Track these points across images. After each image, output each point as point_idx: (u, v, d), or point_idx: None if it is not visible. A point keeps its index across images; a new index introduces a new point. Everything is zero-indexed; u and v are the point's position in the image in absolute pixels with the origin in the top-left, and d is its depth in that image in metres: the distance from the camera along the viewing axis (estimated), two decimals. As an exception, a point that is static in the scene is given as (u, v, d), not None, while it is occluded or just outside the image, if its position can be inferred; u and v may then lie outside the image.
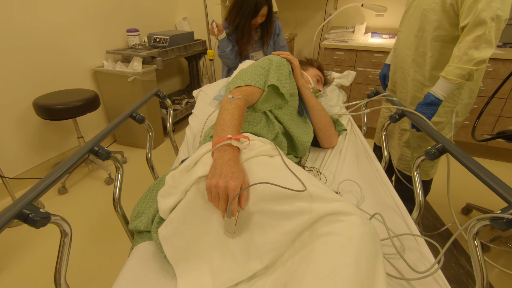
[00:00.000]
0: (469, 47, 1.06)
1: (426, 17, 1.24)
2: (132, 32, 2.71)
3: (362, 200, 0.94)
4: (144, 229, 0.81)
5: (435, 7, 1.19)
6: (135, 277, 0.70)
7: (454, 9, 1.13)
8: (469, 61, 1.06)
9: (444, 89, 1.14)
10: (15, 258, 1.59)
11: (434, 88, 1.18)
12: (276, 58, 1.07)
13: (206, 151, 0.76)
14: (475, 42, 1.04)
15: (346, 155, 1.18)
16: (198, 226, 0.71)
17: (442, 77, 1.14)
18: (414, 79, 1.37)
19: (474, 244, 0.61)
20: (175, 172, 0.78)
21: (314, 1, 2.99)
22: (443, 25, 1.19)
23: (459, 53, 1.08)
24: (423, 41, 1.29)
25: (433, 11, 1.20)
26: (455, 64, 1.10)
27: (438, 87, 1.16)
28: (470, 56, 1.05)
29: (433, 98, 1.17)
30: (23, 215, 0.58)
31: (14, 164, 2.04)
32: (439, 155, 0.81)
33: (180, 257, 0.70)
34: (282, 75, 1.02)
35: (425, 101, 1.19)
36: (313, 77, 1.29)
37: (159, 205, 0.76)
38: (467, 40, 1.06)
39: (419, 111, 1.19)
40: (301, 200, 0.61)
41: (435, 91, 1.17)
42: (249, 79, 0.96)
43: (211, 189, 0.63)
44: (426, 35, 1.26)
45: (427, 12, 1.23)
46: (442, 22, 1.19)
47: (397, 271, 0.70)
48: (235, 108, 0.82)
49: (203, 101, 1.50)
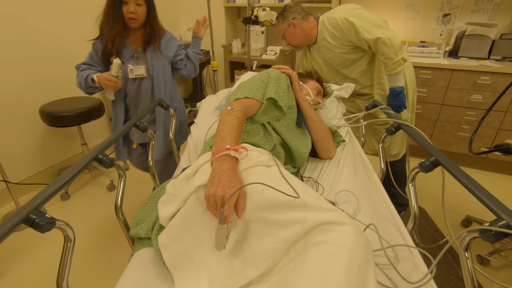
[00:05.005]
0: (384, 49, 1.41)
1: (345, 66, 1.66)
2: (137, 42, 2.77)
3: (358, 211, 0.96)
4: (144, 236, 0.83)
5: (343, 59, 1.62)
6: (134, 282, 0.71)
7: (355, 47, 1.56)
8: (392, 58, 1.41)
9: (396, 80, 1.48)
10: (16, 262, 1.61)
11: (390, 84, 1.52)
12: (275, 72, 1.11)
13: (206, 160, 0.78)
14: (384, 45, 1.40)
15: (344, 166, 1.20)
16: (197, 233, 0.73)
17: (388, 75, 1.50)
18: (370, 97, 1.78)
19: (465, 255, 0.63)
20: (176, 180, 0.80)
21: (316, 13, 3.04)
22: (358, 57, 1.61)
23: (382, 57, 1.45)
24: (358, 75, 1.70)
25: (345, 60, 1.62)
26: (385, 64, 1.45)
27: (392, 81, 1.50)
28: (389, 53, 1.41)
29: (398, 90, 1.49)
30: (30, 220, 0.61)
31: (18, 169, 2.08)
32: (433, 168, 0.83)
33: (179, 263, 0.72)
34: (280, 89, 1.05)
35: (393, 94, 1.51)
36: (312, 89, 1.32)
37: (160, 213, 0.78)
38: (379, 48, 1.43)
39: (393, 104, 1.52)
40: (295, 209, 0.63)
41: (394, 84, 1.50)
42: (248, 91, 0.99)
43: (209, 197, 0.65)
44: (356, 70, 1.68)
45: (342, 64, 1.65)
46: (357, 57, 1.61)
47: (391, 281, 0.71)
48: (234, 119, 0.85)
49: (205, 111, 1.54)
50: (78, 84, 1.43)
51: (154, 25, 1.46)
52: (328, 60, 1.67)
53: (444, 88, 2.44)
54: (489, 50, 2.56)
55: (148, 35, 1.45)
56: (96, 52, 1.43)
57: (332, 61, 1.66)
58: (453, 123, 2.51)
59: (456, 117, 2.48)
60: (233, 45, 3.07)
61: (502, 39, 2.52)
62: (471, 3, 2.59)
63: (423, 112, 2.58)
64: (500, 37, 2.54)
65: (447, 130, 2.56)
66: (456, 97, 2.43)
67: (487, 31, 2.52)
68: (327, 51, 1.64)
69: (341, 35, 1.52)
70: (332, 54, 1.62)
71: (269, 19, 2.28)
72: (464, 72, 2.34)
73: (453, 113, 2.49)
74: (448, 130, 2.55)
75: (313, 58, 1.77)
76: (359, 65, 1.64)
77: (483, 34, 2.54)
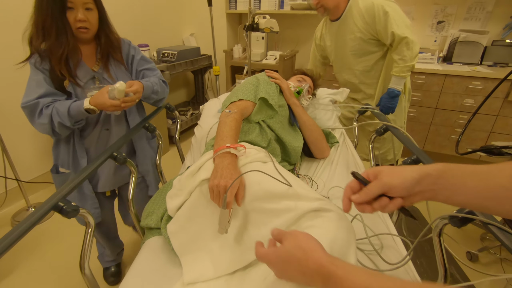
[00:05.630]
0: (404, 51, 1.48)
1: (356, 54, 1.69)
2: (142, 47, 2.87)
3: (348, 205, 1.04)
4: (154, 226, 0.92)
5: (358, 46, 1.64)
6: (146, 266, 0.80)
7: (373, 39, 1.59)
8: (408, 60, 1.49)
9: (398, 82, 1.57)
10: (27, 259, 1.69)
11: (391, 84, 1.59)
12: (263, 76, 1.25)
13: (208, 158, 0.87)
14: (407, 46, 1.47)
15: (337, 165, 1.29)
16: (201, 222, 0.82)
17: (393, 75, 1.56)
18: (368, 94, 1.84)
19: (438, 240, 0.71)
20: (182, 176, 0.90)
21: (315, 20, 3.15)
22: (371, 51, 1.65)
23: (398, 56, 1.51)
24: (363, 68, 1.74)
25: (358, 49, 1.64)
26: (398, 65, 1.52)
27: (394, 83, 1.58)
28: (408, 55, 1.48)
29: (396, 92, 1.58)
30: (58, 207, 0.70)
31: (29, 168, 2.17)
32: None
33: (185, 249, 0.81)
34: (270, 90, 1.18)
35: (390, 95, 1.60)
36: (294, 80, 1.44)
37: (168, 205, 0.88)
38: (400, 48, 1.49)
39: (386, 105, 1.63)
40: (288, 199, 0.72)
41: (395, 86, 1.58)
42: (241, 94, 1.11)
43: (213, 188, 0.74)
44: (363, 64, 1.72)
45: (354, 51, 1.68)
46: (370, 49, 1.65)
47: (374, 265, 0.80)
48: (232, 121, 0.95)
49: (207, 114, 1.63)
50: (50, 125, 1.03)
51: (109, 33, 1.15)
52: (342, 42, 1.67)
53: (437, 92, 2.53)
54: (481, 56, 2.65)
55: (105, 47, 1.14)
56: (46, 76, 1.04)
57: (347, 44, 1.65)
58: (447, 126, 2.60)
59: (450, 120, 2.57)
60: (234, 50, 3.17)
61: (493, 46, 2.62)
62: (464, 11, 2.69)
63: (417, 116, 2.67)
64: (492, 44, 2.63)
65: (441, 133, 2.64)
66: (449, 101, 2.52)
67: (479, 38, 2.62)
68: (347, 31, 1.62)
69: (371, 20, 1.51)
70: (351, 37, 1.62)
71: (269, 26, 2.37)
72: (457, 77, 2.43)
73: (447, 117, 2.57)
74: (442, 133, 2.64)
75: (326, 37, 1.78)
76: (368, 59, 1.67)
77: (475, 40, 2.64)
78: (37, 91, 1.02)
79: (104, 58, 1.15)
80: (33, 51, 1.03)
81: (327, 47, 1.84)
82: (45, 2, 0.97)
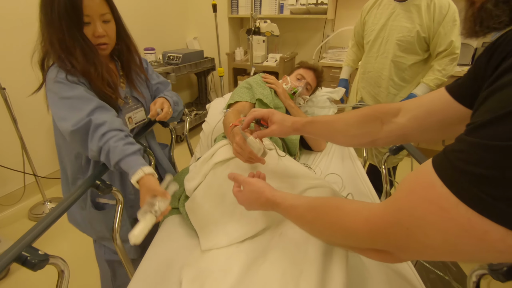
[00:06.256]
0: (447, 64, 1.52)
1: (401, 46, 1.58)
2: (149, 50, 3.02)
3: (343, 189, 1.18)
4: (173, 206, 1.05)
5: (410, 39, 1.54)
6: (168, 237, 0.93)
7: (426, 40, 1.55)
8: (445, 75, 1.53)
9: (424, 91, 1.59)
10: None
11: (416, 90, 1.61)
12: (254, 79, 1.41)
13: (220, 146, 1.01)
14: (452, 62, 1.51)
15: (333, 156, 1.42)
16: (215, 200, 0.95)
17: (424, 83, 1.59)
18: (388, 92, 1.72)
19: None
20: (197, 163, 1.04)
21: (313, 23, 3.30)
22: (416, 51, 1.57)
23: (439, 67, 1.53)
24: (398, 64, 1.63)
25: (408, 42, 1.55)
26: (435, 75, 1.55)
27: (420, 90, 1.60)
28: (448, 70, 1.52)
29: None
30: (22, 258, 0.59)
31: (45, 164, 2.31)
32: (399, 151, 1.05)
33: (202, 223, 0.94)
34: (264, 91, 1.34)
35: None
36: (294, 78, 1.52)
37: (186, 187, 1.01)
38: (445, 60, 1.52)
39: None
40: (291, 178, 0.85)
41: (417, 92, 1.60)
42: (237, 97, 1.31)
43: (236, 149, 0.89)
44: (401, 59, 1.61)
45: (402, 42, 1.56)
46: (416, 49, 1.56)
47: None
48: (230, 113, 1.15)
49: (213, 111, 1.77)
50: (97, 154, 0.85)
51: (130, 44, 1.03)
52: (395, 27, 1.58)
53: (430, 92, 2.67)
54: (472, 57, 2.79)
55: (127, 61, 1.03)
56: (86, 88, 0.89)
57: (399, 31, 1.56)
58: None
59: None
60: (236, 53, 3.32)
61: (484, 47, 2.76)
62: (455, 15, 2.84)
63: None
64: (482, 45, 2.77)
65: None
66: (441, 100, 2.65)
67: (470, 40, 2.76)
68: (407, 17, 1.53)
69: (440, 18, 1.46)
70: (408, 26, 1.53)
71: (270, 30, 2.52)
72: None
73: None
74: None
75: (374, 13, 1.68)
76: (408, 59, 1.61)
77: (466, 42, 2.77)
78: (84, 107, 0.85)
79: (128, 72, 1.04)
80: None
81: (369, 24, 1.73)
82: (57, 18, 0.83)
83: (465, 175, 0.33)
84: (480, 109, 0.36)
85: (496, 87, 0.35)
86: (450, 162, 0.36)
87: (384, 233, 0.43)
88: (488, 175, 0.31)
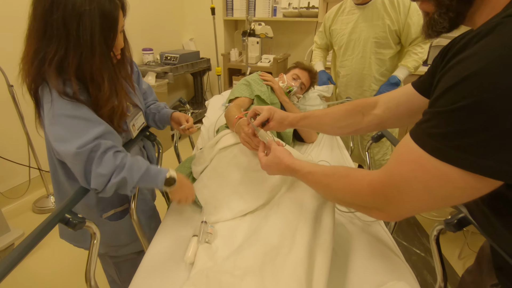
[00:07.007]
0: (422, 47, 1.67)
1: (377, 43, 1.75)
2: (147, 51, 3.13)
3: (331, 174, 1.32)
4: None
5: (384, 34, 1.71)
6: (176, 216, 1.06)
7: (396, 33, 1.71)
8: (421, 58, 1.68)
9: (404, 73, 1.72)
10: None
11: (396, 72, 1.73)
12: (252, 77, 1.54)
13: (224, 134, 1.15)
14: (425, 44, 1.68)
15: (323, 147, 1.57)
16: (219, 182, 1.08)
17: (403, 65, 1.71)
18: (372, 90, 1.89)
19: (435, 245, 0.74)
20: (203, 149, 1.17)
21: (305, 26, 3.45)
22: (390, 45, 1.75)
23: (415, 51, 1.68)
24: (377, 61, 1.81)
25: (383, 37, 1.72)
26: (412, 58, 1.69)
27: (400, 71, 1.72)
28: (423, 53, 1.68)
29: (397, 80, 1.72)
30: (65, 219, 0.71)
31: (48, 160, 2.39)
32: (380, 138, 1.19)
33: (208, 201, 1.06)
34: (262, 89, 1.48)
35: (391, 82, 1.74)
36: (290, 77, 1.66)
37: (193, 170, 1.14)
38: (420, 45, 1.68)
39: (384, 90, 1.74)
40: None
41: (398, 74, 1.72)
42: (237, 93, 1.45)
43: (244, 138, 1.00)
44: (380, 56, 1.79)
45: (378, 39, 1.73)
46: (390, 43, 1.74)
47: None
48: (232, 107, 1.28)
49: (213, 107, 1.90)
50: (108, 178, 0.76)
51: (127, 51, 0.93)
52: (366, 28, 1.73)
53: (414, 91, 2.84)
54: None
55: (132, 65, 0.99)
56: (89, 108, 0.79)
57: (372, 30, 1.71)
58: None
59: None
60: (231, 53, 3.45)
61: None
62: (437, 19, 3.03)
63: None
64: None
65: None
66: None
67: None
68: (374, 16, 1.69)
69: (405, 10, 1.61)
70: (379, 23, 1.68)
71: (264, 32, 2.66)
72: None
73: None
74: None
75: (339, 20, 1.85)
76: (386, 53, 1.77)
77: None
78: (93, 130, 0.75)
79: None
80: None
81: (337, 30, 1.87)
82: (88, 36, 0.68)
83: (431, 136, 0.45)
84: (436, 88, 0.48)
85: (445, 70, 0.47)
86: (421, 130, 0.48)
87: (382, 193, 0.54)
88: (445, 132, 0.43)
